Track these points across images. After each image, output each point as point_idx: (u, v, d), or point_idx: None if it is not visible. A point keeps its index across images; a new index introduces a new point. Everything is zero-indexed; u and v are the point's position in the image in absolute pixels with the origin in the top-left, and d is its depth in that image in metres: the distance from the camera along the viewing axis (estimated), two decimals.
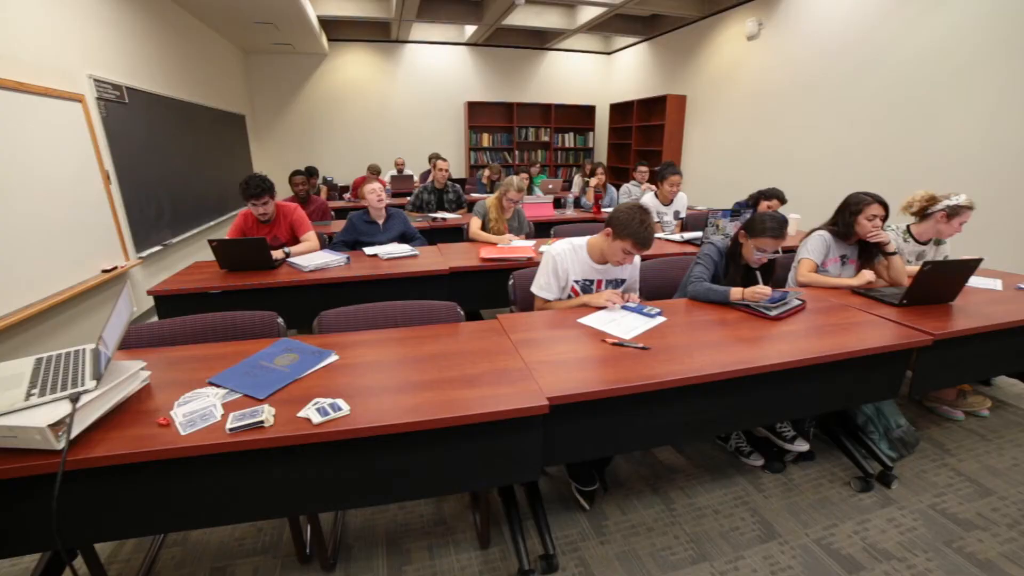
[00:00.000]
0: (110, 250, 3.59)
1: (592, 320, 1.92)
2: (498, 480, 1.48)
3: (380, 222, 3.25)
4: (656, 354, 1.64)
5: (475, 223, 3.48)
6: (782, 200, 3.47)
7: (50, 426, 1.07)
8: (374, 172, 6.06)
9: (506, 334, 1.79)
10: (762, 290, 2.00)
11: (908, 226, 2.61)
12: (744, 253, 2.18)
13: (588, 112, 9.10)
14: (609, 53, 9.04)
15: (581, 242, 2.12)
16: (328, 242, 3.22)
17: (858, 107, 4.61)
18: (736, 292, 2.06)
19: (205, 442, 1.16)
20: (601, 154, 9.23)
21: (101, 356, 1.33)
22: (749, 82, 5.85)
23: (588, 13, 6.78)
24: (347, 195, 6.53)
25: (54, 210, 3.02)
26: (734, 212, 3.26)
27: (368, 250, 3.03)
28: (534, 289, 2.15)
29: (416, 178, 6.81)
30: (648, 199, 3.98)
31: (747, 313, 2.01)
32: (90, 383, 1.21)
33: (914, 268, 2.25)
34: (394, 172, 6.87)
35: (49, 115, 3.04)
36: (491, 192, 5.75)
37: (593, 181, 4.97)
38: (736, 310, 2.05)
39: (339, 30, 7.66)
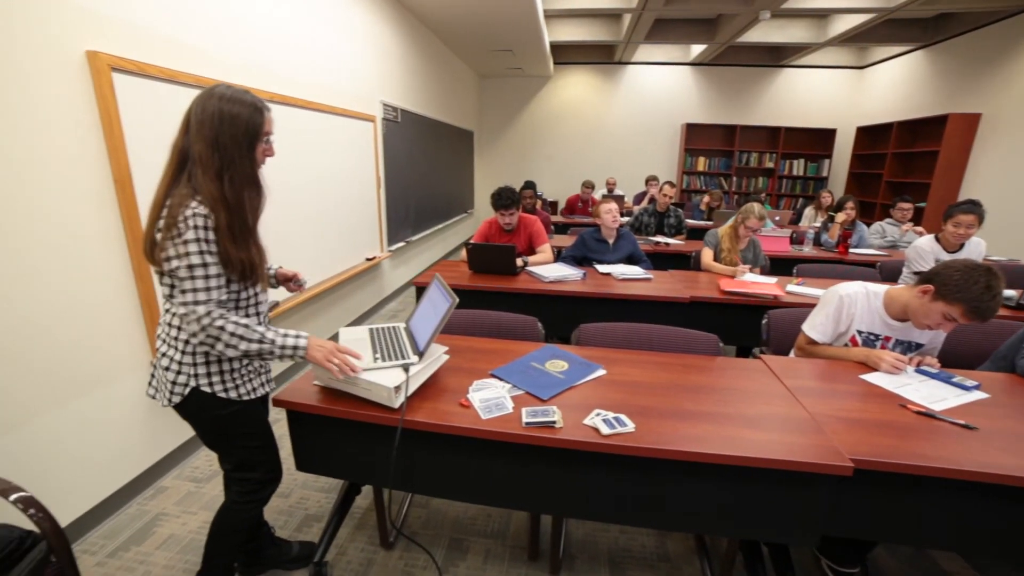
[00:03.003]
0: (372, 242, 4.37)
1: (879, 379, 1.64)
2: (769, 535, 1.35)
3: (610, 241, 3.30)
4: (988, 438, 1.31)
5: (707, 254, 3.30)
6: None
7: (395, 387, 1.30)
8: (589, 188, 6.24)
9: (776, 377, 1.63)
10: None
11: None
12: None
13: (826, 136, 7.97)
14: (862, 67, 7.82)
15: (878, 289, 1.83)
16: (557, 255, 3.38)
17: None
18: None
19: (503, 429, 1.29)
20: (837, 184, 7.98)
21: (415, 335, 1.58)
22: None
23: (847, 22, 5.94)
24: (562, 210, 6.82)
25: (347, 207, 3.81)
26: None
27: (601, 268, 3.10)
28: (806, 327, 1.93)
29: (628, 199, 6.80)
30: (926, 243, 3.13)
31: None
32: (413, 357, 1.44)
33: None
34: (604, 191, 6.98)
35: (354, 133, 3.85)
36: (709, 219, 5.45)
37: (840, 216, 4.27)
38: None
39: (565, 53, 8.10)
